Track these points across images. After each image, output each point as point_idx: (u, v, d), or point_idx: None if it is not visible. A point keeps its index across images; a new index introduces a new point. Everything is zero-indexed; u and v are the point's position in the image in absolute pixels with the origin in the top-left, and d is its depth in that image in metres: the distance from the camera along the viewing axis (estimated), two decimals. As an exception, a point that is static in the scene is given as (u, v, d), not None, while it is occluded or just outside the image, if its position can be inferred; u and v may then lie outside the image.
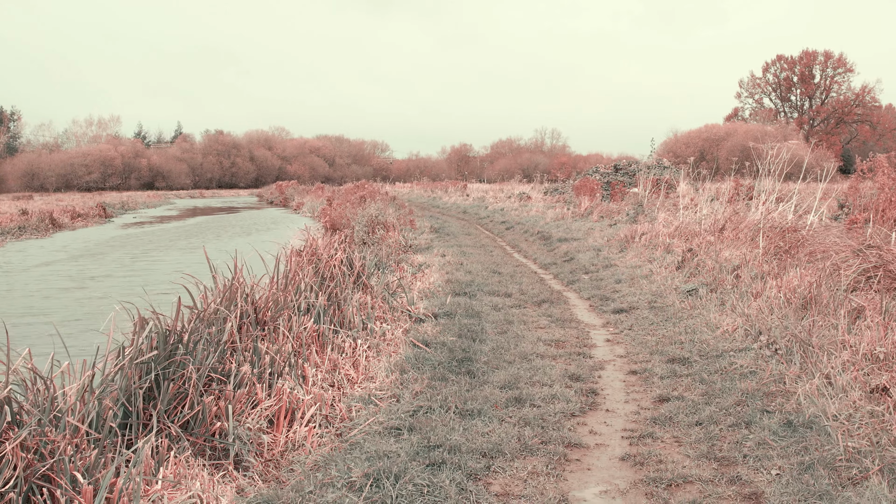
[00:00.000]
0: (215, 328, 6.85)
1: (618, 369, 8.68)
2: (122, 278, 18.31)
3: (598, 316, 11.82)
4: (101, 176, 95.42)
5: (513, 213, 32.29)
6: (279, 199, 68.52)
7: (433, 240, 22.50)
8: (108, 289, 16.47)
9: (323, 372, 7.67)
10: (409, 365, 8.21)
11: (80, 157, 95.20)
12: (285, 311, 8.39)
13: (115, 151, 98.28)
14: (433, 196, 56.59)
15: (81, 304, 14.74)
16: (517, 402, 7.24)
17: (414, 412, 6.80)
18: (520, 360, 8.82)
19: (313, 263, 10.29)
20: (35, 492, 4.52)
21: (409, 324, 10.19)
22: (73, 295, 15.90)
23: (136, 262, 21.96)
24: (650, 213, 21.69)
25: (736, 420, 6.60)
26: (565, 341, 9.98)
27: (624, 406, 7.35)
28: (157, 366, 5.87)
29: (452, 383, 7.73)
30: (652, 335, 10.12)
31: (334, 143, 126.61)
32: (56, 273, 19.50)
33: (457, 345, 9.13)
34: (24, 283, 17.75)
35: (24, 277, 18.71)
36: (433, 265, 15.96)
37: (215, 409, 5.95)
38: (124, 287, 16.49)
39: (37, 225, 34.09)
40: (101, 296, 15.58)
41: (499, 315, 11.34)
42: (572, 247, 19.23)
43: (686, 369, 8.33)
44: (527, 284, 14.43)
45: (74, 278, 18.48)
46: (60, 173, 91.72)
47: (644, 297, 12.39)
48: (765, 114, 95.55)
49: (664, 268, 14.12)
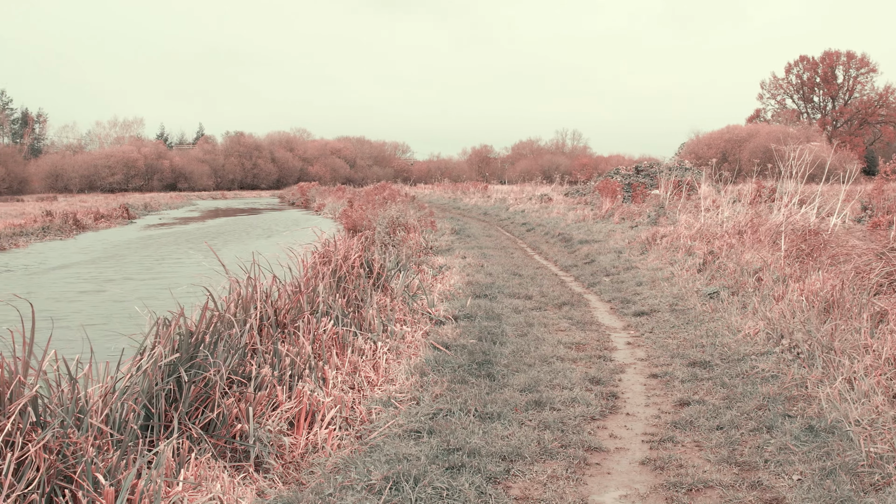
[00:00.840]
0: (235, 330, 6.88)
1: (638, 373, 8.65)
2: (144, 280, 18.43)
3: (619, 319, 11.78)
4: (124, 177, 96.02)
5: (534, 215, 32.25)
6: (300, 201, 68.74)
7: (454, 241, 22.50)
8: (130, 291, 16.58)
9: (343, 374, 7.69)
10: (429, 367, 8.21)
11: (104, 159, 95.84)
12: (305, 313, 8.41)
13: (138, 153, 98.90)
14: (454, 197, 56.60)
15: (103, 306, 14.84)
16: (537, 405, 7.23)
17: (434, 415, 6.80)
18: (540, 362, 8.81)
19: (333, 265, 10.31)
20: (57, 493, 4.56)
21: (430, 326, 10.20)
22: (94, 297, 16.02)
23: (158, 264, 22.10)
24: (671, 215, 21.61)
25: (757, 424, 6.56)
26: (586, 344, 9.95)
27: (644, 410, 7.33)
28: (178, 368, 5.91)
29: (472, 386, 7.73)
30: (673, 338, 10.08)
31: (355, 145, 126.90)
32: (78, 275, 19.65)
33: (477, 347, 9.13)
34: (46, 284, 17.89)
35: (46, 279, 18.87)
36: (454, 267, 15.96)
37: (236, 411, 5.98)
38: (146, 289, 16.59)
39: (60, 226, 34.34)
40: (122, 298, 15.68)
41: (519, 317, 11.32)
42: (593, 249, 19.18)
43: (707, 373, 8.29)
44: (547, 287, 14.41)
45: (96, 280, 18.61)
46: (84, 174, 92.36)
47: (665, 300, 12.35)
48: (787, 115, 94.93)
49: (685, 270, 14.06)
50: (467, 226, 30.21)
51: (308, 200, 65.65)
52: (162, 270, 20.32)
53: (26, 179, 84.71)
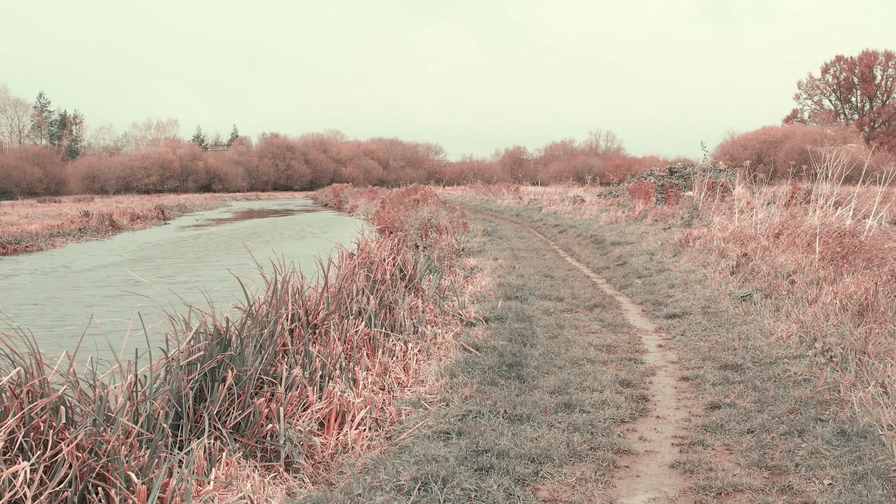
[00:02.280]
0: (266, 330, 6.94)
1: (669, 375, 8.62)
2: (178, 280, 18.61)
3: (651, 321, 11.74)
4: (160, 178, 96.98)
5: (566, 217, 32.18)
6: (333, 202, 69.10)
7: (485, 243, 22.51)
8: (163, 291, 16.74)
9: (373, 375, 7.73)
10: (459, 369, 8.23)
11: (139, 160, 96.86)
12: (337, 313, 8.47)
13: (173, 154, 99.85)
14: (486, 199, 56.58)
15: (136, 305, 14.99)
16: (567, 407, 7.22)
17: (463, 416, 6.82)
18: (570, 365, 8.80)
19: (365, 266, 10.36)
20: (90, 491, 4.63)
21: (460, 327, 10.22)
22: (127, 297, 16.20)
23: (192, 264, 22.32)
24: (705, 217, 21.46)
25: (788, 428, 6.51)
26: (616, 346, 9.93)
27: (675, 413, 7.30)
28: (204, 366, 5.97)
29: (502, 388, 7.74)
30: (704, 341, 10.02)
31: (388, 146, 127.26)
32: (112, 275, 19.89)
33: (507, 349, 9.13)
34: (81, 284, 18.13)
35: (81, 278, 19.12)
36: (485, 269, 15.97)
37: (266, 411, 6.04)
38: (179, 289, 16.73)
39: (97, 227, 34.79)
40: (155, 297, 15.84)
41: (550, 319, 11.31)
42: (625, 251, 19.11)
43: (739, 376, 8.24)
44: (579, 288, 14.38)
45: (129, 280, 18.83)
46: (120, 176, 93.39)
47: (697, 303, 12.28)
48: (824, 115, 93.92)
49: (718, 273, 13.98)
50: (499, 227, 30.21)
51: (341, 202, 65.99)
52: (195, 271, 20.52)
53: (64, 181, 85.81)
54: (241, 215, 54.76)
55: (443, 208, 28.61)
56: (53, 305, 15.04)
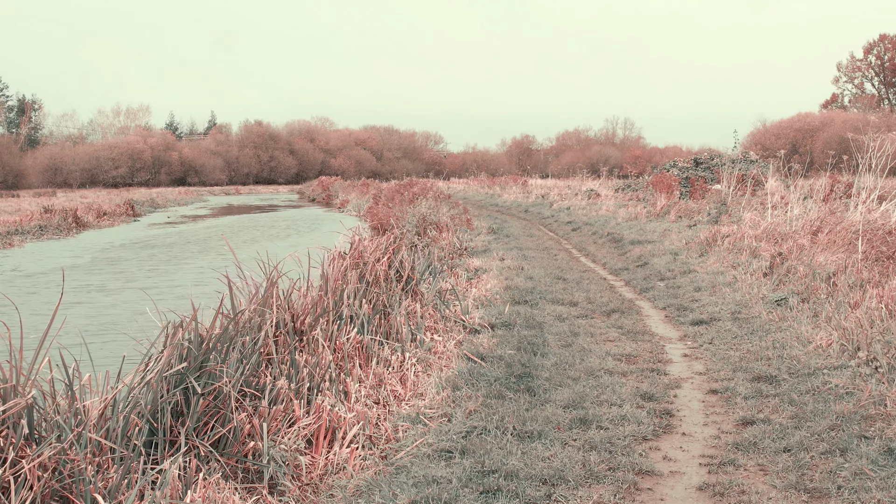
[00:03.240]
0: (248, 338, 6.93)
1: (696, 388, 8.60)
2: (150, 283, 18.61)
3: (675, 328, 11.73)
4: (129, 170, 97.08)
5: (580, 213, 32.18)
6: (322, 197, 69.13)
7: (491, 242, 22.51)
8: (134, 295, 16.74)
9: (367, 387, 7.73)
10: (463, 381, 8.22)
11: (107, 150, 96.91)
12: (326, 319, 8.46)
13: (145, 144, 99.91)
14: (491, 193, 56.61)
15: (104, 311, 15.00)
16: (582, 423, 7.21)
17: (467, 433, 6.81)
18: (586, 376, 8.79)
19: (358, 268, 10.36)
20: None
21: (463, 335, 10.21)
22: (94, 301, 16.19)
23: (165, 266, 22.31)
24: (734, 213, 21.47)
25: (829, 446, 6.50)
26: (637, 356, 9.92)
27: (702, 429, 7.29)
28: (186, 378, 5.96)
29: (510, 402, 7.73)
30: (735, 350, 10.01)
31: (382, 135, 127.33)
32: (77, 277, 19.88)
33: (515, 359, 9.12)
34: (41, 288, 18.11)
35: (41, 281, 19.11)
36: (490, 270, 15.97)
37: (248, 426, 6.03)
38: (152, 293, 16.74)
39: (59, 224, 34.77)
40: (125, 302, 15.85)
41: (563, 326, 11.31)
42: (646, 250, 19.11)
43: (773, 389, 8.23)
44: (595, 292, 14.38)
45: (96, 283, 18.82)
46: (85, 167, 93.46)
47: (727, 307, 12.27)
48: (866, 100, 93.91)
49: (750, 274, 13.97)
50: (506, 224, 30.22)
51: (330, 196, 66.03)
52: (169, 273, 20.52)
53: (22, 173, 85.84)
54: (219, 211, 54.80)
55: (443, 203, 28.59)
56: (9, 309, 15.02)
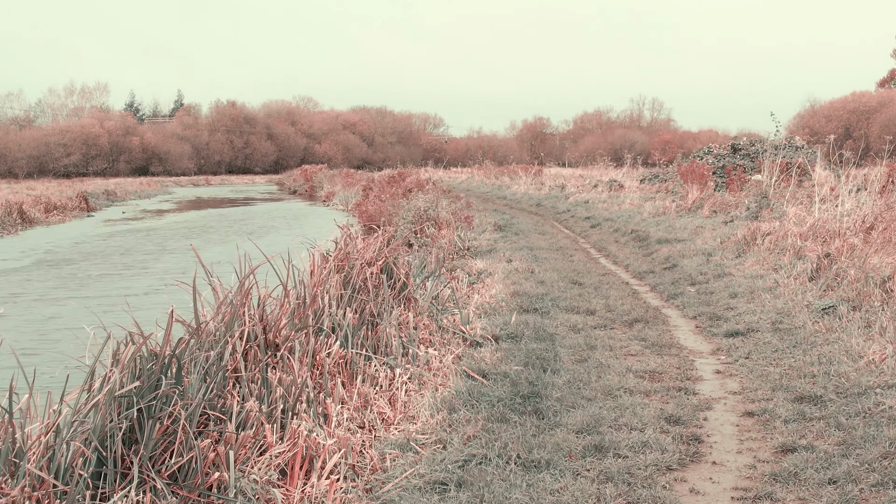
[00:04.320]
0: (213, 352, 6.92)
1: (729, 410, 8.60)
2: (101, 291, 18.61)
3: (706, 340, 11.73)
4: (84, 158, 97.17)
5: (600, 207, 32.20)
6: (304, 188, 69.29)
7: (497, 240, 22.52)
8: (84, 304, 16.74)
9: (350, 409, 7.72)
10: (461, 402, 8.22)
11: (58, 135, 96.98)
12: (304, 331, 8.45)
13: (101, 128, 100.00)
14: (498, 184, 56.65)
15: (47, 323, 15.01)
16: (598, 450, 7.21)
17: (464, 462, 6.80)
18: (603, 396, 8.79)
19: (343, 271, 10.35)
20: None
21: (463, 348, 10.21)
22: (37, 312, 16.20)
23: (120, 269, 22.31)
24: (777, 207, 21.46)
25: (882, 478, 6.49)
26: (662, 373, 9.92)
27: (736, 458, 7.28)
28: (139, 400, 5.95)
29: (515, 426, 7.73)
30: (775, 366, 10.01)
31: (374, 117, 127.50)
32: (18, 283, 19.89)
33: (522, 376, 9.12)
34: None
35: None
36: (496, 273, 15.97)
37: (213, 455, 6.02)
38: (103, 301, 16.75)
39: (2, 220, 34.76)
40: (73, 312, 15.84)
41: (578, 338, 11.31)
42: (675, 250, 19.11)
43: (818, 411, 8.22)
44: (615, 299, 14.38)
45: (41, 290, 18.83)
46: (32, 155, 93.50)
47: (766, 316, 12.27)
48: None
49: (793, 278, 13.97)
50: (515, 220, 30.23)
51: (314, 188, 66.17)
52: (124, 278, 20.52)
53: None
54: (186, 205, 54.86)
55: (443, 197, 28.63)
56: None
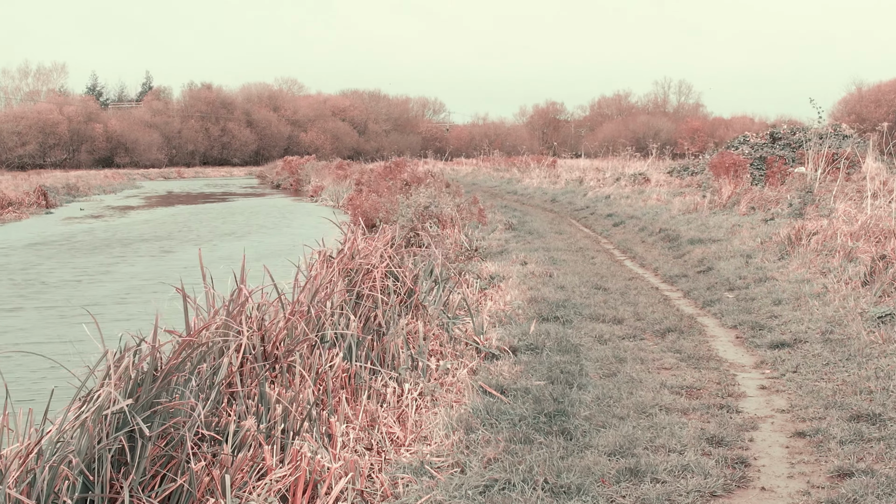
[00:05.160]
0: (206, 366, 6.97)
1: (777, 429, 8.63)
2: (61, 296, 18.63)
3: (749, 352, 11.75)
4: (40, 148, 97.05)
5: (623, 203, 32.20)
6: (289, 182, 69.32)
7: (509, 241, 22.54)
8: (49, 312, 16.78)
9: (357, 429, 7.75)
10: (478, 420, 8.24)
11: (11, 122, 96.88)
12: (305, 342, 8.49)
13: (60, 114, 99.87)
14: (508, 177, 56.66)
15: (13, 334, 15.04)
16: (633, 474, 7.24)
17: (486, 488, 6.84)
18: (636, 414, 8.82)
19: (349, 275, 10.38)
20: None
21: (478, 361, 10.24)
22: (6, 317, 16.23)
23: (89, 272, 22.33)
24: (823, 204, 21.49)
25: (950, 505, 6.54)
26: (701, 388, 9.94)
27: (787, 483, 7.32)
28: (131, 419, 6.00)
29: (540, 447, 7.76)
30: (827, 381, 10.03)
31: (367, 102, 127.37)
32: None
33: (545, 392, 9.15)
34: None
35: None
36: (510, 277, 15.99)
37: (207, 479, 6.07)
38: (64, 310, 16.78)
39: (-50, 218, 34.80)
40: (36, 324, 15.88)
41: (605, 350, 11.33)
42: (710, 251, 19.14)
43: (877, 430, 8.25)
44: (644, 306, 14.40)
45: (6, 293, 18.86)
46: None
47: (815, 326, 12.29)
48: None
49: (844, 283, 13.98)
50: (528, 218, 30.25)
51: (300, 181, 66.12)
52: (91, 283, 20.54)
53: None
54: (155, 201, 54.86)
55: (445, 192, 28.65)
56: None
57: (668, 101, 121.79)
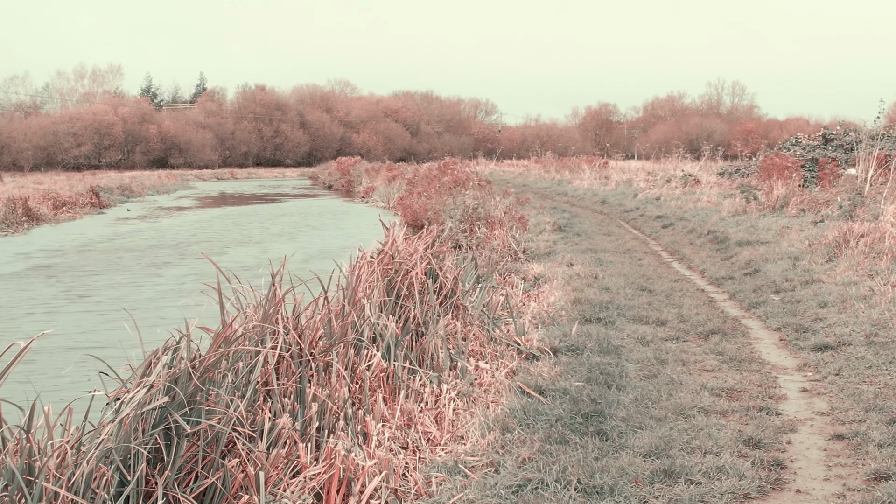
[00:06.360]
0: (242, 364, 7.04)
1: (816, 432, 8.60)
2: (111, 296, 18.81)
3: (792, 354, 11.71)
4: (95, 149, 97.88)
5: (673, 205, 32.09)
6: (341, 183, 69.55)
7: (556, 242, 22.54)
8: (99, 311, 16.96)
9: (392, 428, 7.80)
10: (515, 421, 8.27)
11: (67, 123, 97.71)
12: (343, 341, 8.55)
13: (115, 115, 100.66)
14: (559, 179, 56.57)
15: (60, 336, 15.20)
16: (667, 475, 7.24)
17: (519, 488, 6.86)
18: (674, 416, 8.81)
19: (388, 276, 10.43)
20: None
21: (517, 362, 10.25)
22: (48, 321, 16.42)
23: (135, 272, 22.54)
24: (873, 206, 21.32)
25: None
26: (741, 390, 9.92)
27: (822, 486, 7.30)
28: (168, 416, 6.07)
29: (575, 447, 7.77)
30: (869, 383, 9.98)
31: (419, 103, 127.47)
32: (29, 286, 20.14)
33: (584, 393, 9.16)
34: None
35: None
36: (555, 278, 16.00)
37: (241, 476, 6.13)
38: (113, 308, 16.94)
39: (7, 217, 35.08)
40: (86, 322, 16.04)
41: (646, 351, 11.32)
42: (757, 253, 19.05)
43: (917, 434, 8.21)
44: (689, 308, 14.37)
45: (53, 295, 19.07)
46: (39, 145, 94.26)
47: (860, 329, 12.22)
48: None
49: (891, 286, 13.89)
50: (576, 219, 30.22)
51: (351, 182, 66.33)
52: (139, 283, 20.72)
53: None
54: (208, 202, 55.20)
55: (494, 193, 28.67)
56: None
57: (721, 102, 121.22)
